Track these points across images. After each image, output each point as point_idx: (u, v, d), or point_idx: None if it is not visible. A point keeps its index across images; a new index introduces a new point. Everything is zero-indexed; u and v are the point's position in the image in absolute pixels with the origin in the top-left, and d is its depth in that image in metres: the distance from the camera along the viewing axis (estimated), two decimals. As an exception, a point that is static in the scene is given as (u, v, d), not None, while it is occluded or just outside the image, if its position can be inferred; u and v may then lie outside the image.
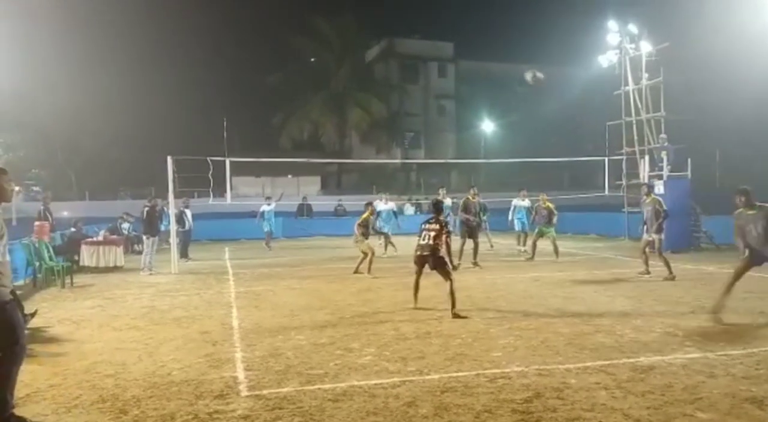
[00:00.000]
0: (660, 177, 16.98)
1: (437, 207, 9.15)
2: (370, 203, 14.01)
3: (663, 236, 11.25)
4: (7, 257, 4.50)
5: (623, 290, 9.81)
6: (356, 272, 12.57)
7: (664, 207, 11.20)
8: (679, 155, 17.45)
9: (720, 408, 4.44)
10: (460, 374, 5.37)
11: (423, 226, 8.74)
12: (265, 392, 4.99)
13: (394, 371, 5.52)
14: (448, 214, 15.86)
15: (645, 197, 11.69)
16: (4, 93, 28.95)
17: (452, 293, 8.11)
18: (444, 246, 8.36)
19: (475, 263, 13.29)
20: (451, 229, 9.12)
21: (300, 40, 41.90)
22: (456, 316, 7.87)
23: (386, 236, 16.56)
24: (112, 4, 38.40)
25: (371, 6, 59.84)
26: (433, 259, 8.37)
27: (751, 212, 7.32)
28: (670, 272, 10.88)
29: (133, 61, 39.52)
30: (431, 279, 10.04)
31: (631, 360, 5.69)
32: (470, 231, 13.69)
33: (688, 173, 17.16)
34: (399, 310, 8.48)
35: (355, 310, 8.56)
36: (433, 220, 8.72)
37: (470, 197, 13.92)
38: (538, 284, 10.83)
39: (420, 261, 8.57)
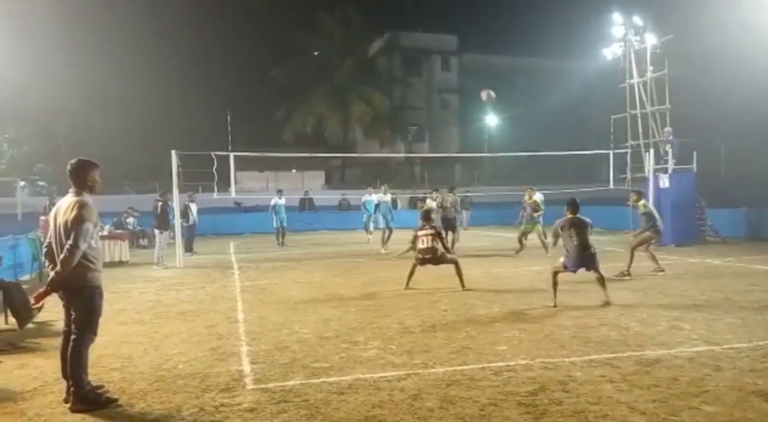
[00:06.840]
0: (665, 170, 16.92)
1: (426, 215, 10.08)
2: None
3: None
4: (99, 244, 5.01)
5: (628, 284, 9.79)
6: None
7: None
8: (684, 148, 17.36)
9: (726, 401, 4.43)
10: (465, 367, 5.38)
11: (418, 233, 9.74)
12: (270, 385, 5.01)
13: (399, 364, 5.52)
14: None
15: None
16: (8, 86, 29.01)
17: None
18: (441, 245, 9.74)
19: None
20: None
21: (303, 34, 41.83)
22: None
23: (390, 230, 16.56)
24: (115, -1, 38.38)
25: (374, -1, 59.70)
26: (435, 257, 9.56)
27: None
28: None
29: (137, 55, 39.56)
30: (434, 273, 10.07)
31: (637, 353, 5.68)
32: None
33: (694, 166, 17.09)
34: (404, 304, 8.49)
35: (359, 304, 8.57)
36: (427, 226, 9.73)
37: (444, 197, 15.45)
38: (543, 277, 10.79)
39: (423, 263, 9.67)
